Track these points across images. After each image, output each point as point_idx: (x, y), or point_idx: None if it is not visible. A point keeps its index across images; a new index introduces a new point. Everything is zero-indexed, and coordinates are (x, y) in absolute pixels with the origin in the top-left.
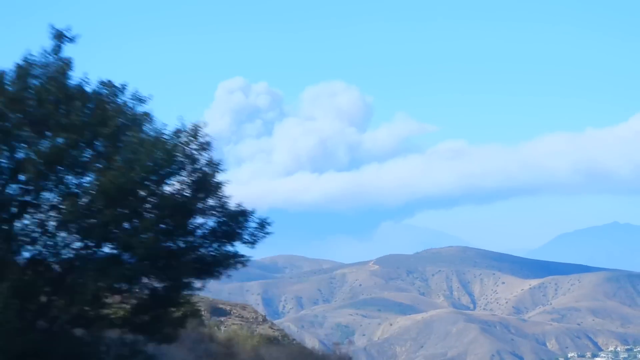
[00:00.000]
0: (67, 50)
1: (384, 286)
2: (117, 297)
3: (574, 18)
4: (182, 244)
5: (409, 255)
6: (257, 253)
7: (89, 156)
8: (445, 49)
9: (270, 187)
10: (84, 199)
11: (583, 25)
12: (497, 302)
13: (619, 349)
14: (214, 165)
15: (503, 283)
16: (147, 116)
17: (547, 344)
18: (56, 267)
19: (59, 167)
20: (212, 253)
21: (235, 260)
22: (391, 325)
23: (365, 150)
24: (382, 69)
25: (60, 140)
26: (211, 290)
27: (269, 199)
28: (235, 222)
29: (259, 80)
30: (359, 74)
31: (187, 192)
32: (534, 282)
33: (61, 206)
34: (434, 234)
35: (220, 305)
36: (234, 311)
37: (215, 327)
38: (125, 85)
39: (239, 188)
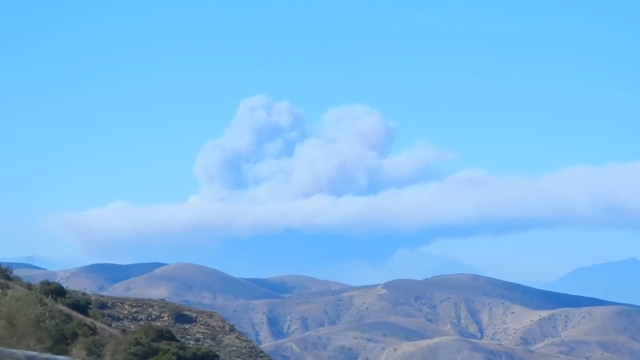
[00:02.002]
0: None
1: (391, 311)
2: None
3: (599, 50)
4: None
5: (418, 280)
6: (266, 272)
7: None
8: (469, 77)
9: (287, 207)
10: None
11: (611, 58)
12: (505, 332)
13: None
14: None
15: (512, 313)
16: None
17: None
18: None
19: None
20: None
21: None
22: (395, 350)
23: (385, 175)
24: (405, 94)
25: None
26: (216, 307)
27: (286, 220)
28: None
29: (282, 99)
30: (381, 98)
31: None
32: (544, 313)
33: None
34: (448, 263)
35: (186, 312)
36: (200, 319)
37: None
38: None
39: (256, 208)
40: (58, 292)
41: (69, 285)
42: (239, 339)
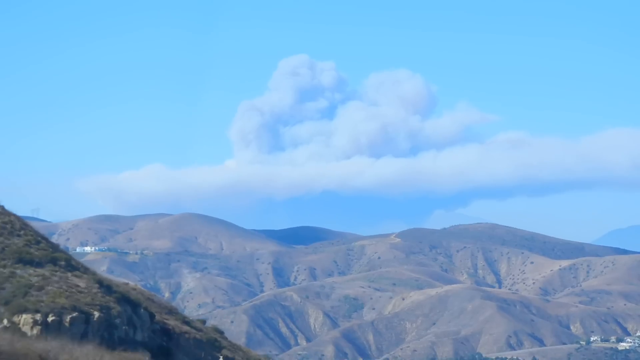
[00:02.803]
0: None
1: (404, 260)
2: None
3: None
4: None
5: (435, 230)
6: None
7: None
8: (512, 42)
9: (325, 169)
10: None
11: None
12: (524, 282)
13: None
14: None
15: (532, 263)
16: None
17: (571, 327)
18: None
19: None
20: None
21: None
22: (403, 300)
23: (425, 138)
24: (448, 59)
25: None
26: (220, 257)
27: (323, 181)
28: None
29: (325, 59)
30: (424, 63)
31: None
32: (565, 263)
33: None
34: None
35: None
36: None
37: None
38: None
39: (293, 170)
40: None
41: (70, 237)
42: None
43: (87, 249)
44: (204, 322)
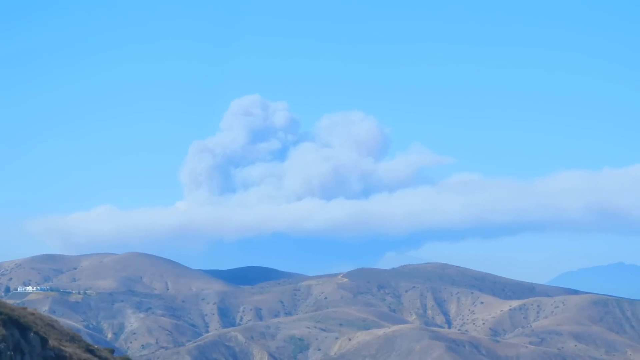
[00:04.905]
0: None
1: (351, 300)
2: None
3: (596, 53)
4: None
5: (383, 270)
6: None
7: None
8: (465, 85)
9: (276, 211)
10: None
11: (605, 62)
12: (474, 323)
13: None
14: None
15: (482, 303)
16: None
17: None
18: None
19: None
20: None
21: None
22: (350, 340)
23: (378, 180)
24: (401, 100)
25: None
26: (165, 297)
27: (274, 223)
28: None
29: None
30: (377, 104)
31: None
32: (515, 303)
33: None
34: None
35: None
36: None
37: None
38: None
39: (244, 211)
40: None
41: (13, 277)
42: None
43: (29, 288)
44: (112, 351)
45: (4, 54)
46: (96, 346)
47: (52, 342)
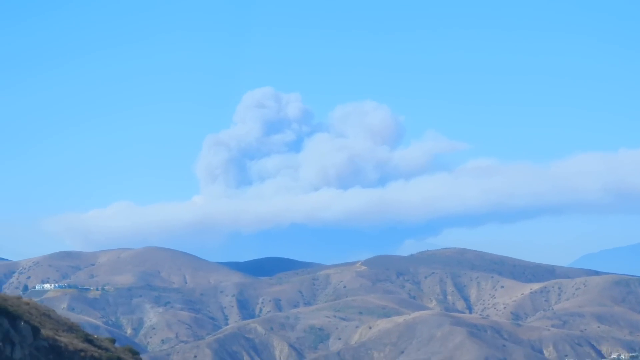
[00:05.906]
0: None
1: (370, 288)
2: None
3: (609, 35)
4: None
5: (402, 256)
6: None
7: None
8: (478, 69)
9: (293, 202)
10: None
11: (623, 44)
12: (495, 307)
13: (622, 356)
14: None
15: (502, 287)
16: None
17: (544, 350)
18: None
19: None
20: None
21: None
22: (370, 328)
23: (394, 168)
24: (414, 88)
25: None
26: (183, 291)
27: (291, 215)
28: None
29: (290, 91)
30: (390, 93)
31: None
32: (536, 286)
33: None
34: None
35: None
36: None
37: None
38: None
39: (260, 204)
40: None
41: (31, 275)
42: None
43: (47, 286)
44: (113, 341)
45: (32, 45)
46: (95, 336)
47: (46, 332)
